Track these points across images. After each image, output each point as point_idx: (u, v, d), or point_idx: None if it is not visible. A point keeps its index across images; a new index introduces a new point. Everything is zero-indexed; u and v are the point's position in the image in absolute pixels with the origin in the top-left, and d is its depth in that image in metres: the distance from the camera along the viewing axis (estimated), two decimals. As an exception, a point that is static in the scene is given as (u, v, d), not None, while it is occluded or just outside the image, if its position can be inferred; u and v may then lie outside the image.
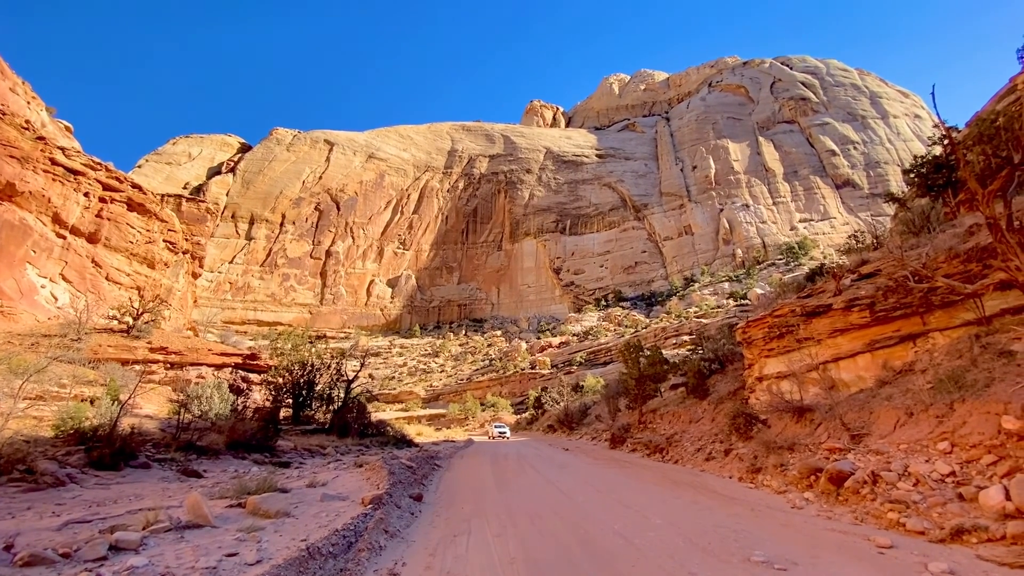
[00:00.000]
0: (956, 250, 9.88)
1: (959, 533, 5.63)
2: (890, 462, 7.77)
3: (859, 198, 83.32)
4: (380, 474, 9.15)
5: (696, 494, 9.40)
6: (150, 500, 8.03)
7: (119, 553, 4.24)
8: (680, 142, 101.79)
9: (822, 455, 9.42)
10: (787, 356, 13.53)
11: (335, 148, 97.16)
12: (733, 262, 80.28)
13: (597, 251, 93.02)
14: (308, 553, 4.30)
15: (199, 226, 34.33)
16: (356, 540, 5.16)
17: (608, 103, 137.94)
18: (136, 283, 26.33)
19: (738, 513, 7.64)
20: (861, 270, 12.66)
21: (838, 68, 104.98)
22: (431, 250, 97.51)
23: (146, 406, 17.73)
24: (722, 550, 5.58)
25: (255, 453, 15.11)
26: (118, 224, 25.04)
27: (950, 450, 7.16)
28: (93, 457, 10.42)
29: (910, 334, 10.29)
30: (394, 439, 24.02)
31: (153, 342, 21.31)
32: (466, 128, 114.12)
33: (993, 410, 6.97)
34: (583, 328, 72.96)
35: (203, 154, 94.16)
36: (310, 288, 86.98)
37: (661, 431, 20.46)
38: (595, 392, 40.77)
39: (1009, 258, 8.14)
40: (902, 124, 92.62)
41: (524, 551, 5.59)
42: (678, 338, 53.91)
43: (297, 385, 22.50)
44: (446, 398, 60.58)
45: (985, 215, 8.36)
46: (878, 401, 9.67)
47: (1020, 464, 6.13)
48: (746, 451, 12.12)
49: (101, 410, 11.68)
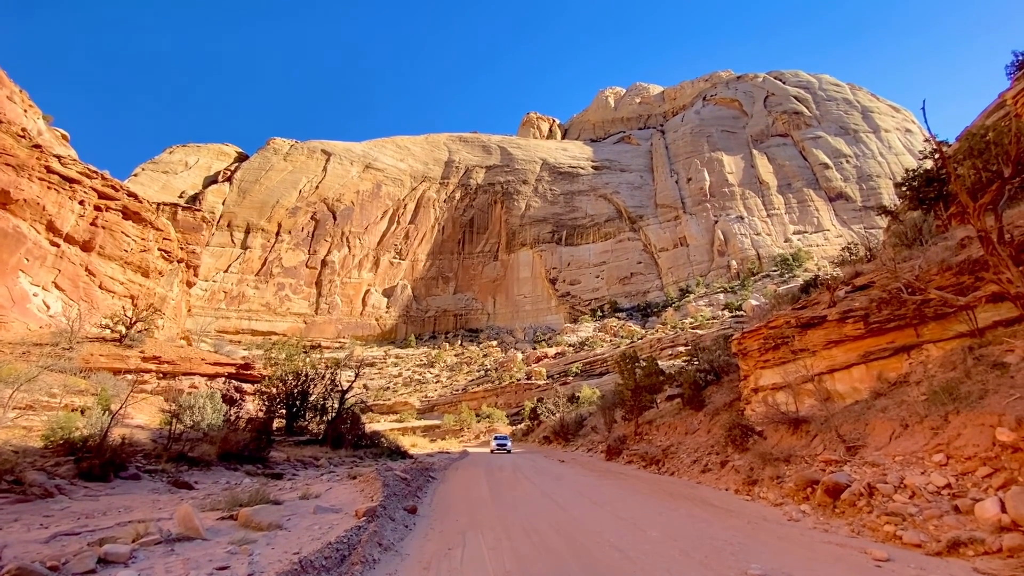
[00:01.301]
0: (948, 262, 9.97)
1: (956, 546, 5.62)
2: (886, 474, 7.76)
3: (852, 211, 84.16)
4: (374, 486, 9.05)
5: (692, 506, 9.34)
6: (140, 512, 7.91)
7: (108, 566, 4.16)
8: (675, 154, 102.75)
9: (818, 467, 9.40)
10: (782, 367, 13.55)
11: (332, 158, 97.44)
12: (728, 273, 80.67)
13: (593, 262, 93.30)
14: (300, 567, 4.23)
15: (194, 235, 34.22)
16: (349, 553, 5.09)
17: (604, 116, 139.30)
18: (130, 292, 26.15)
19: (735, 526, 7.59)
20: (855, 282, 12.74)
21: (830, 83, 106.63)
22: (427, 260, 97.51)
23: (137, 416, 17.51)
24: (719, 563, 5.54)
25: (247, 464, 14.92)
26: (113, 233, 24.92)
27: (945, 462, 7.17)
28: (82, 468, 10.26)
29: (904, 346, 10.34)
30: (388, 450, 23.80)
31: (146, 351, 21.12)
32: (463, 139, 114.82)
33: (987, 422, 7.00)
34: (579, 339, 72.88)
35: (200, 163, 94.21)
36: (305, 297, 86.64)
37: (657, 443, 20.38)
38: (591, 403, 40.60)
39: (1001, 271, 8.23)
40: (893, 138, 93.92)
41: (519, 565, 5.53)
42: (673, 349, 53.92)
43: (291, 395, 22.31)
44: (441, 409, 60.17)
45: (976, 228, 8.47)
46: (873, 413, 9.68)
47: (1015, 476, 6.14)
48: (742, 463, 12.07)
49: (91, 420, 11.53)
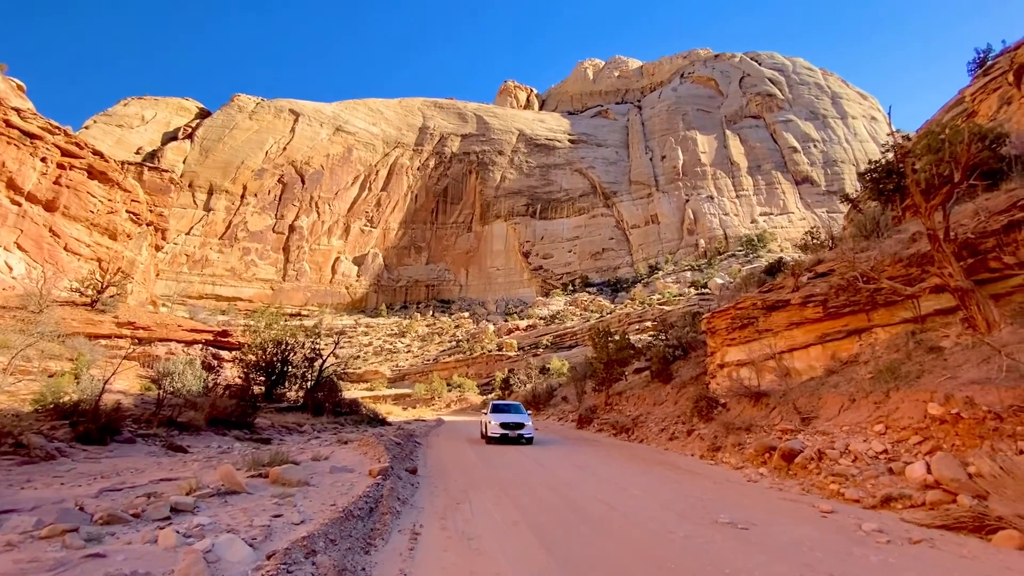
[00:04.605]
0: (900, 255, 11.04)
1: (888, 500, 6.67)
2: (834, 441, 8.87)
3: (816, 195, 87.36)
4: (377, 449, 9.68)
5: (664, 470, 10.36)
6: (152, 473, 8.29)
7: (179, 514, 4.64)
8: (651, 131, 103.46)
9: (775, 435, 10.52)
10: (747, 345, 14.70)
11: (301, 119, 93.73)
12: (696, 252, 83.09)
13: (566, 236, 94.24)
14: (344, 515, 4.82)
15: (162, 196, 33.00)
16: (376, 505, 5.71)
17: (582, 88, 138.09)
18: (97, 255, 25.31)
19: (702, 485, 8.59)
20: (817, 269, 13.83)
21: (804, 67, 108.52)
22: (399, 229, 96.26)
23: (116, 382, 17.43)
24: (693, 514, 6.43)
25: (235, 430, 15.25)
26: (78, 192, 23.90)
27: (884, 432, 8.28)
28: (79, 432, 10.45)
29: (856, 329, 11.49)
30: (367, 418, 24.35)
31: (120, 317, 20.75)
32: (438, 105, 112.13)
33: (921, 398, 8.09)
34: (550, 312, 74.29)
35: (158, 118, 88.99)
36: (272, 263, 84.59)
37: (626, 413, 21.65)
38: (561, 374, 42.02)
39: (944, 266, 9.30)
40: (859, 125, 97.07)
41: (523, 515, 6.29)
42: (641, 324, 55.81)
43: (271, 363, 22.45)
44: (412, 378, 60.82)
45: (926, 227, 9.48)
46: (826, 388, 10.83)
47: (940, 444, 7.24)
48: (707, 432, 13.23)
49: (82, 385, 11.61)
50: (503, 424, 16.02)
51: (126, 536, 4.17)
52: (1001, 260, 9.12)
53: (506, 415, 16.80)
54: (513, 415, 16.91)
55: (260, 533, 4.30)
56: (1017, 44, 18.17)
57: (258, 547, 4.08)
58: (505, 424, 15.99)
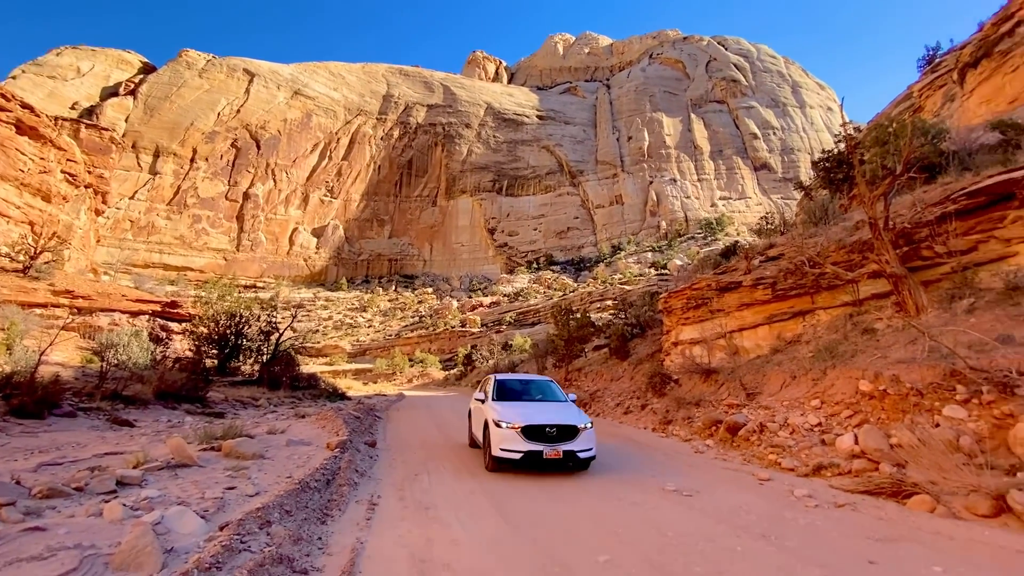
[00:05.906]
0: (844, 242, 11.66)
1: (819, 469, 7.21)
2: (774, 415, 9.45)
3: (773, 181, 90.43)
4: (336, 423, 9.62)
5: (618, 442, 10.78)
6: (93, 447, 7.96)
7: (126, 488, 4.49)
8: (618, 111, 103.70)
9: (722, 410, 11.11)
10: (701, 325, 15.30)
11: (256, 79, 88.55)
12: (657, 233, 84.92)
13: (532, 214, 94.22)
14: (299, 487, 4.82)
15: (102, 157, 30.73)
16: (334, 478, 5.72)
17: (552, 63, 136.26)
18: (28, 217, 23.49)
19: (652, 456, 9.02)
20: (768, 252, 14.44)
21: (768, 54, 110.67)
22: (361, 200, 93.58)
23: (54, 354, 16.48)
24: (642, 483, 6.77)
25: (185, 403, 14.76)
26: (5, 149, 21.94)
27: (820, 406, 8.87)
28: (13, 405, 9.88)
29: (801, 311, 12.15)
30: (326, 392, 24.05)
31: (56, 284, 19.50)
32: (404, 72, 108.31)
33: (854, 375, 8.69)
34: (514, 289, 74.69)
35: (95, 70, 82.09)
36: (225, 232, 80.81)
37: (585, 388, 22.27)
38: (523, 351, 42.59)
39: (882, 253, 9.90)
40: (816, 115, 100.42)
41: (480, 484, 6.46)
42: (602, 303, 57.00)
43: (224, 336, 21.71)
44: (373, 353, 60.22)
45: (868, 215, 10.03)
46: (771, 366, 11.46)
47: (868, 417, 7.84)
48: (660, 406, 13.81)
49: (15, 356, 10.93)
50: (529, 430, 7.20)
51: (68, 510, 4.03)
52: (933, 249, 9.79)
53: (531, 406, 8.22)
54: (548, 406, 8.42)
55: (212, 505, 4.25)
56: (963, 44, 19.13)
57: (210, 519, 4.04)
58: (533, 430, 7.20)
